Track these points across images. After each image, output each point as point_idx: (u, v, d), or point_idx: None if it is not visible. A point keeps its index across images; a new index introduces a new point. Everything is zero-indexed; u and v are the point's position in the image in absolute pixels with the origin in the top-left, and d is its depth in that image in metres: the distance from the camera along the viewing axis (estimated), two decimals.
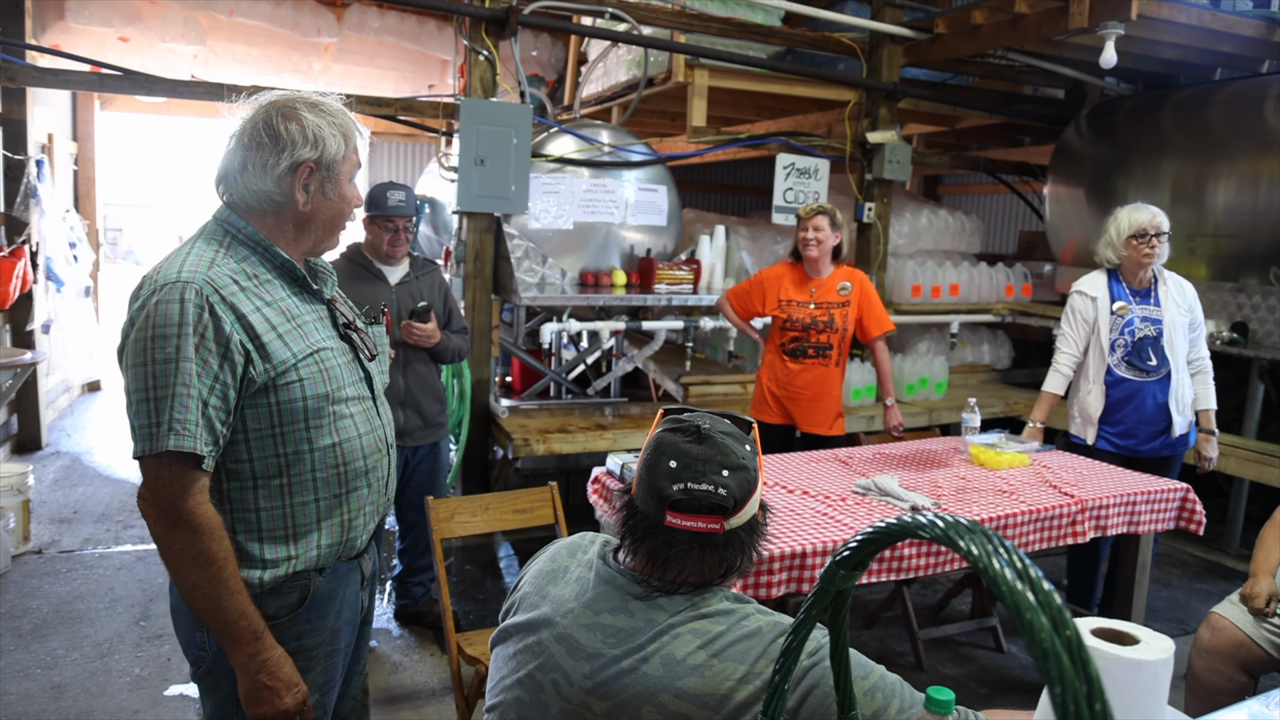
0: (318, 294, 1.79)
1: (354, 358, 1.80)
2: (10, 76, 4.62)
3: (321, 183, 1.71)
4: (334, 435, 1.70)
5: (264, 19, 7.31)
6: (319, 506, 1.71)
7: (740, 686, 1.22)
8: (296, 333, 1.68)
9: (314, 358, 1.68)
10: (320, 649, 1.77)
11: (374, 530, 1.88)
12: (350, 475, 1.74)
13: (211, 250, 1.66)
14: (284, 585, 1.70)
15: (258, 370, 1.60)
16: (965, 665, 3.81)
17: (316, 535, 1.71)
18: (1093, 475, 3.48)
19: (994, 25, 5.15)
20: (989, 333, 6.89)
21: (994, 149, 7.87)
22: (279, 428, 1.64)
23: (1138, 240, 3.75)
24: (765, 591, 2.57)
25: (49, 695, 3.34)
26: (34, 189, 5.99)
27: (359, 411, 1.76)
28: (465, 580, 4.54)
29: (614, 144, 5.29)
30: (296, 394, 1.65)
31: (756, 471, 1.36)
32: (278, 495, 1.67)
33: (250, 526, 1.66)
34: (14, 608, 4.01)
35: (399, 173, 10.71)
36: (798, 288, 4.17)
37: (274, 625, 1.68)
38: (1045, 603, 0.69)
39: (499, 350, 5.17)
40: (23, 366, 4.93)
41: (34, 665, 3.54)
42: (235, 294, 1.61)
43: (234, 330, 1.58)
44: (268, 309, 1.65)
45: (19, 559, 4.55)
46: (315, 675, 1.77)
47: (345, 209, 1.77)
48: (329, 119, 1.71)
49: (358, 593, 1.86)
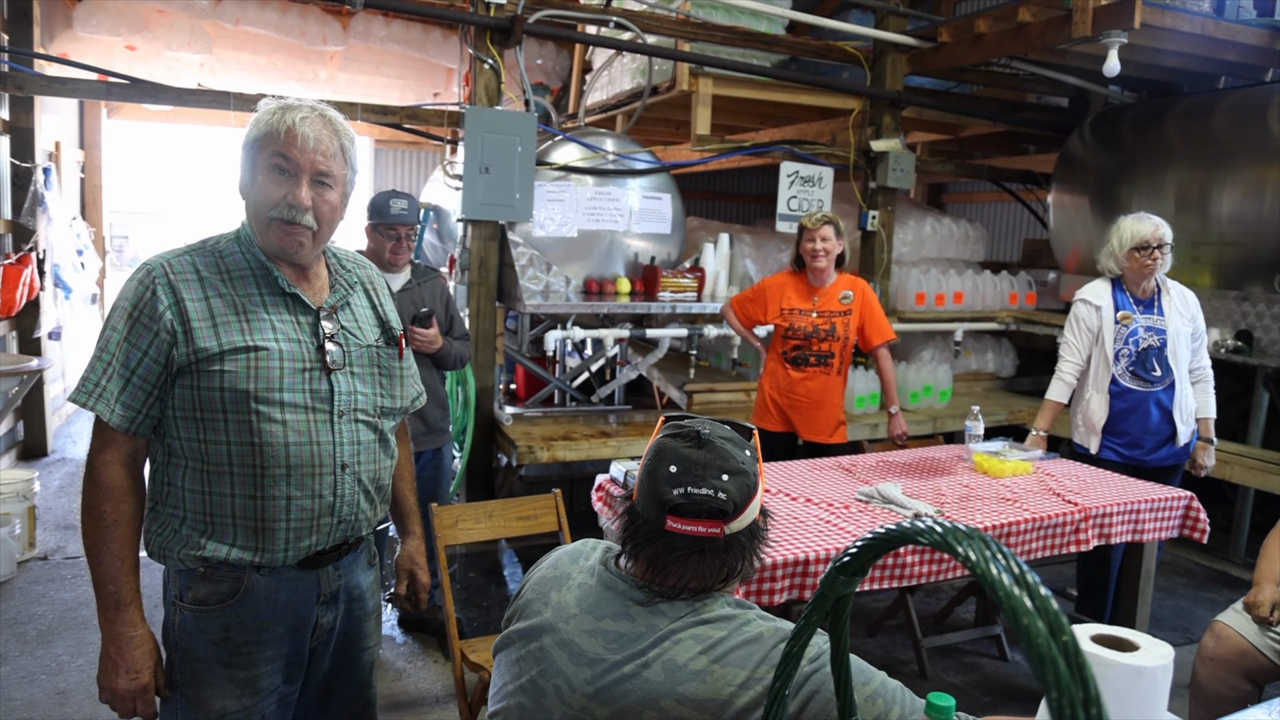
0: (299, 299, 1.78)
1: (316, 368, 1.76)
2: (18, 85, 4.65)
3: (245, 170, 1.76)
4: (255, 435, 1.69)
5: (270, 27, 7.34)
6: (234, 502, 1.71)
7: (741, 692, 1.22)
8: (238, 326, 1.70)
9: (246, 354, 1.69)
10: (252, 649, 1.75)
11: (323, 549, 1.80)
12: (268, 481, 1.71)
13: (200, 243, 1.79)
14: (214, 573, 1.72)
15: (180, 352, 1.68)
16: (969, 673, 3.81)
17: (232, 531, 1.71)
18: (1096, 483, 3.48)
19: (997, 34, 5.16)
20: (993, 341, 6.88)
21: (998, 157, 7.87)
22: (200, 412, 1.69)
23: (1139, 251, 3.74)
24: (768, 598, 2.57)
25: (54, 701, 3.34)
26: (41, 196, 6.02)
27: (295, 420, 1.72)
28: (469, 587, 4.54)
29: (618, 152, 5.30)
30: (215, 383, 1.68)
31: (757, 476, 1.36)
32: (199, 480, 1.71)
33: (178, 503, 1.73)
34: (19, 614, 4.02)
35: (404, 180, 10.74)
36: (800, 296, 4.18)
37: (203, 610, 1.73)
38: (1042, 608, 0.69)
39: (503, 358, 5.18)
40: (29, 374, 4.94)
41: (39, 671, 3.54)
42: (187, 280, 1.71)
43: (168, 311, 1.67)
44: (217, 299, 1.71)
45: (24, 565, 4.56)
46: (246, 676, 1.75)
47: (258, 198, 1.73)
48: (261, 110, 1.74)
49: (310, 606, 1.81)
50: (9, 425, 6.02)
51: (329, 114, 1.77)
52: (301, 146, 1.70)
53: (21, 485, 4.68)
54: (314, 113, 1.74)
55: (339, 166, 1.76)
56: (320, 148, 1.72)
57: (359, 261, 1.99)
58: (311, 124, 1.72)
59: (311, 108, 1.75)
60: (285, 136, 1.69)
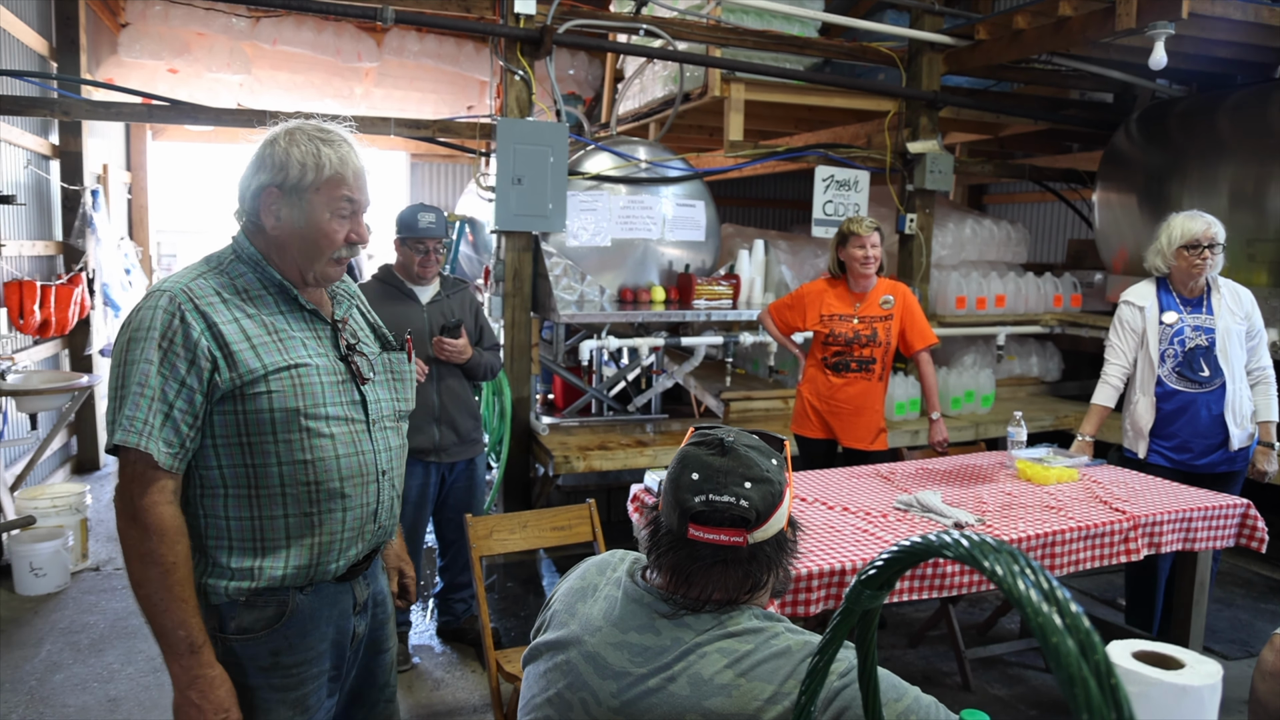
0: (317, 314, 1.79)
1: (348, 380, 1.78)
2: (65, 110, 4.76)
3: (292, 209, 1.71)
4: (306, 452, 1.68)
5: (306, 46, 7.46)
6: (288, 523, 1.69)
7: (768, 707, 1.20)
8: (275, 346, 1.69)
9: (289, 372, 1.68)
10: (301, 669, 1.75)
11: (361, 557, 1.83)
12: (323, 495, 1.71)
13: (209, 266, 1.73)
14: (259, 599, 1.69)
15: (223, 378, 1.63)
16: (1014, 686, 3.71)
17: (285, 552, 1.69)
18: (1146, 490, 3.37)
19: (1037, 29, 5.06)
20: (1037, 344, 6.75)
21: (1040, 156, 7.73)
22: (246, 437, 1.66)
23: (1189, 250, 3.63)
24: (804, 609, 2.52)
25: (105, 708, 3.42)
26: (90, 218, 6.16)
27: (341, 433, 1.74)
28: (507, 597, 4.54)
29: (651, 160, 5.29)
30: (264, 405, 1.65)
31: (783, 486, 1.34)
32: (246, 506, 1.67)
33: (220, 534, 1.68)
34: (73, 623, 4.11)
35: (439, 193, 10.84)
36: (841, 302, 4.13)
37: (250, 639, 1.69)
38: (1073, 625, 0.65)
39: (539, 368, 5.18)
40: (80, 389, 5.05)
41: (91, 679, 3.63)
42: (213, 304, 1.66)
43: (202, 337, 1.62)
44: (247, 320, 1.68)
45: (78, 576, 4.66)
46: (297, 696, 1.75)
47: (321, 241, 1.73)
48: (309, 147, 1.70)
49: (347, 617, 1.83)
50: (63, 440, 6.15)
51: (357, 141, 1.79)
52: (362, 186, 1.75)
53: (74, 498, 4.80)
54: (355, 146, 1.76)
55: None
56: (368, 182, 1.78)
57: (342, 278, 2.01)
58: (360, 158, 1.75)
59: (351, 141, 1.76)
60: (353, 180, 1.73)
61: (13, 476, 4.92)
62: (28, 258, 5.53)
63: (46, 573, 4.42)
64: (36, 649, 3.85)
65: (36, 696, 3.48)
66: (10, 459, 5.06)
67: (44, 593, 4.41)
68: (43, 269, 5.85)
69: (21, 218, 5.46)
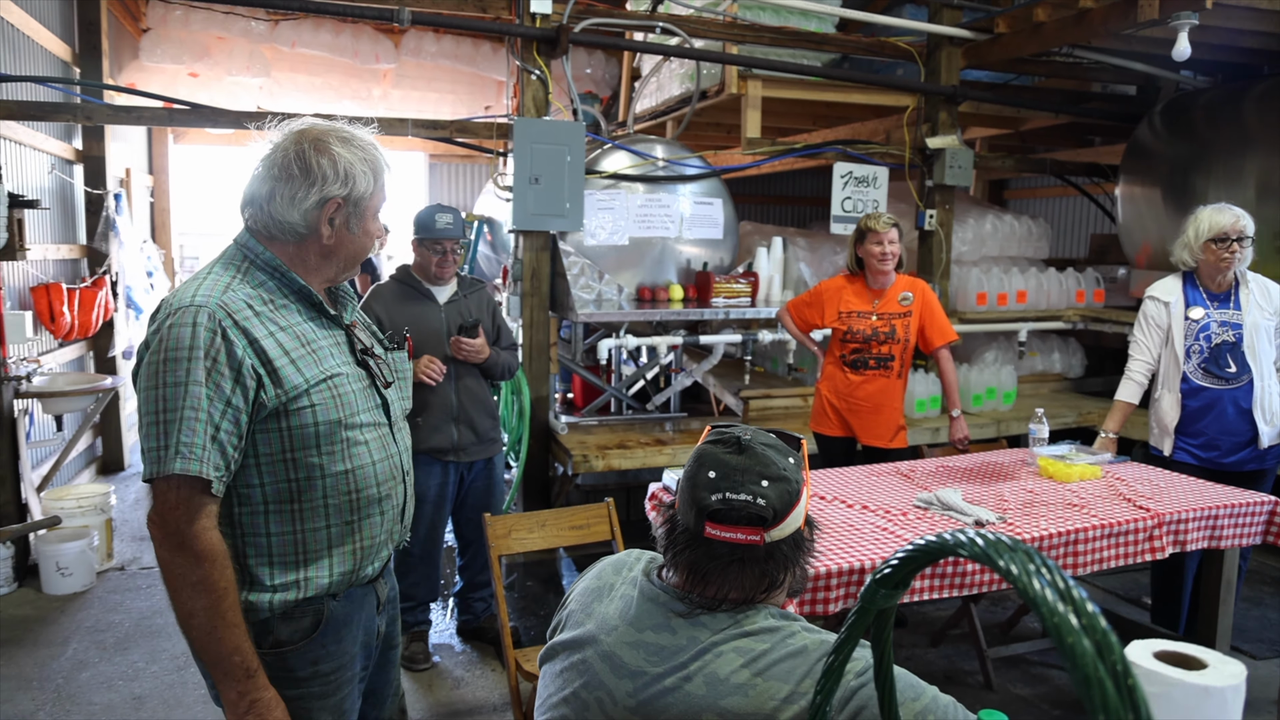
0: (336, 319, 1.78)
1: (370, 384, 1.78)
2: (88, 115, 4.80)
3: (348, 218, 1.71)
4: (347, 462, 1.68)
5: (324, 48, 7.50)
6: (330, 533, 1.68)
7: (784, 706, 1.19)
8: (310, 358, 1.67)
9: (327, 384, 1.67)
10: (338, 675, 1.75)
11: (388, 557, 1.86)
12: (363, 502, 1.71)
13: (229, 275, 1.67)
14: (296, 610, 1.68)
15: (269, 395, 1.60)
16: (1038, 685, 3.68)
17: (328, 561, 1.69)
18: (1170, 488, 3.33)
19: (1057, 22, 5.00)
20: (1060, 340, 6.69)
21: (1062, 150, 7.66)
22: (290, 453, 1.63)
23: (1217, 244, 3.58)
24: (822, 608, 2.51)
25: (130, 706, 3.46)
26: (113, 221, 6.23)
27: (373, 438, 1.74)
28: (527, 596, 4.54)
29: (668, 158, 5.28)
30: (308, 419, 1.63)
31: (800, 484, 1.33)
32: (289, 520, 1.65)
33: (261, 551, 1.65)
34: (98, 622, 4.16)
35: (457, 193, 10.86)
36: (859, 299, 4.10)
37: (288, 651, 1.68)
38: (1089, 625, 0.64)
39: (558, 367, 5.18)
40: (104, 391, 5.11)
41: (117, 677, 3.67)
42: (249, 318, 1.61)
43: (246, 354, 1.58)
44: (282, 334, 1.64)
45: (103, 575, 4.72)
46: (335, 701, 1.75)
47: (368, 244, 1.76)
48: (360, 154, 1.70)
49: (373, 618, 1.84)
50: (88, 441, 6.22)
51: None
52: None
53: (99, 499, 4.85)
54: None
55: None
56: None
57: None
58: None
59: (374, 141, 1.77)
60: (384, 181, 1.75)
61: (39, 477, 4.98)
62: (53, 261, 5.60)
63: (73, 572, 4.47)
64: (63, 647, 3.90)
65: (63, 694, 3.52)
66: (37, 460, 5.12)
67: (70, 592, 4.46)
68: (67, 272, 5.91)
69: (46, 222, 5.52)
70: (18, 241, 4.35)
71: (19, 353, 4.90)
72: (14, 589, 4.48)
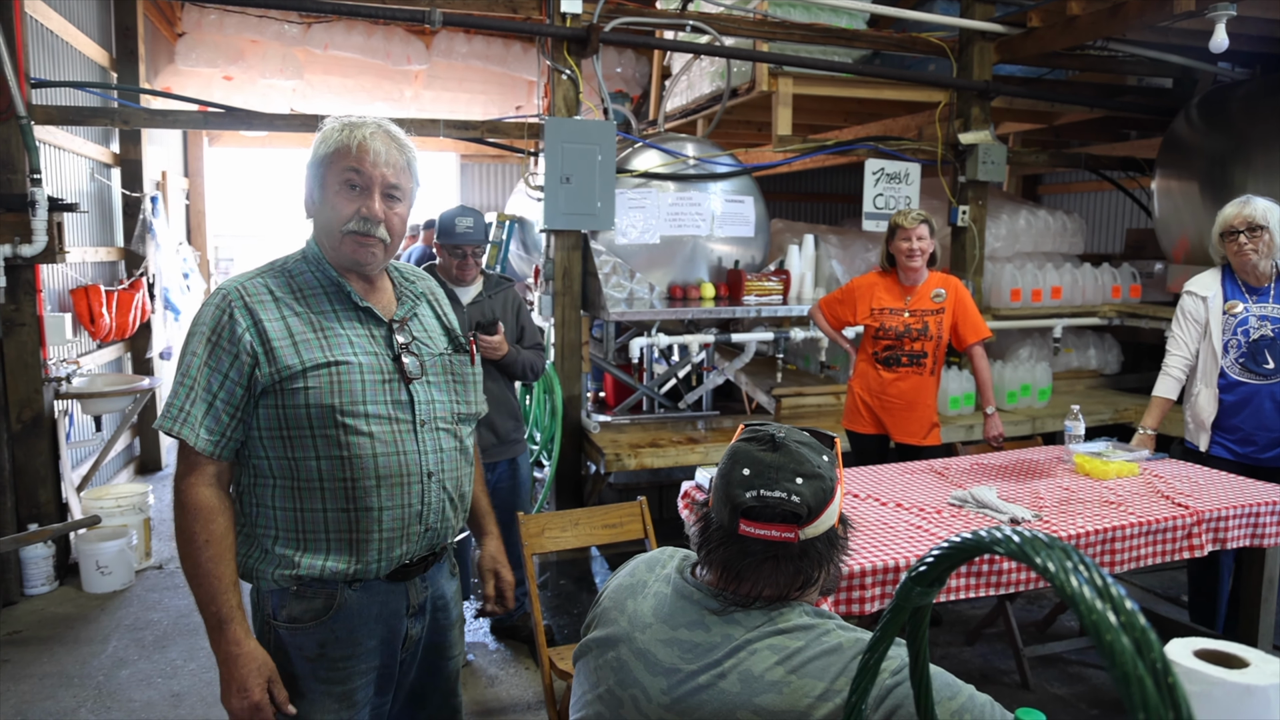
0: (371, 312, 1.81)
1: (397, 379, 1.79)
2: (125, 119, 4.89)
3: (314, 185, 1.79)
4: (343, 449, 1.71)
5: (357, 50, 7.56)
6: (327, 517, 1.73)
7: (819, 704, 1.19)
8: (318, 343, 1.73)
9: (328, 369, 1.71)
10: (347, 664, 1.77)
11: (413, 559, 1.83)
12: (360, 493, 1.73)
13: (270, 266, 1.82)
14: (308, 590, 1.74)
15: (263, 372, 1.70)
16: (1075, 685, 3.64)
17: (326, 545, 1.74)
18: (1210, 484, 3.28)
19: (1092, 15, 4.94)
20: (1095, 336, 6.61)
21: (1096, 145, 7.56)
22: (286, 430, 1.71)
23: (1226, 238, 3.55)
24: (858, 607, 2.50)
25: (169, 703, 3.51)
26: (150, 224, 6.32)
27: (381, 431, 1.75)
28: (560, 595, 4.56)
29: (699, 156, 5.27)
30: (301, 400, 1.70)
31: (834, 482, 1.32)
32: (290, 497, 1.73)
33: (269, 523, 1.75)
34: (137, 620, 4.23)
35: (488, 193, 10.91)
36: (891, 295, 4.08)
37: (299, 628, 1.74)
38: (1128, 623, 0.64)
39: (590, 366, 5.19)
40: (142, 392, 5.18)
41: (155, 674, 3.73)
42: (262, 301, 1.73)
43: (246, 333, 1.70)
44: (294, 318, 1.74)
45: (141, 574, 4.79)
46: (343, 690, 1.77)
47: (330, 214, 1.76)
48: (328, 128, 1.77)
49: (399, 618, 1.83)
50: (126, 441, 6.31)
51: (393, 130, 1.80)
52: (374, 161, 1.74)
53: (137, 498, 4.93)
54: (380, 129, 1.77)
55: (406, 180, 1.80)
56: (390, 161, 1.76)
57: (419, 274, 2.02)
58: (380, 139, 1.76)
59: (377, 124, 1.78)
60: (357, 151, 1.73)
61: (79, 477, 5.07)
62: (91, 264, 5.70)
63: (112, 571, 4.55)
64: (104, 645, 3.97)
65: (104, 691, 3.58)
66: (76, 460, 5.21)
67: (110, 590, 4.54)
68: (105, 274, 6.01)
69: (85, 225, 5.61)
70: (57, 244, 4.44)
71: (59, 354, 5.00)
72: (55, 587, 4.57)
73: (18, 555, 4.43)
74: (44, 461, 4.53)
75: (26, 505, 4.50)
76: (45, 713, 3.42)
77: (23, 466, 4.48)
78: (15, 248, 4.28)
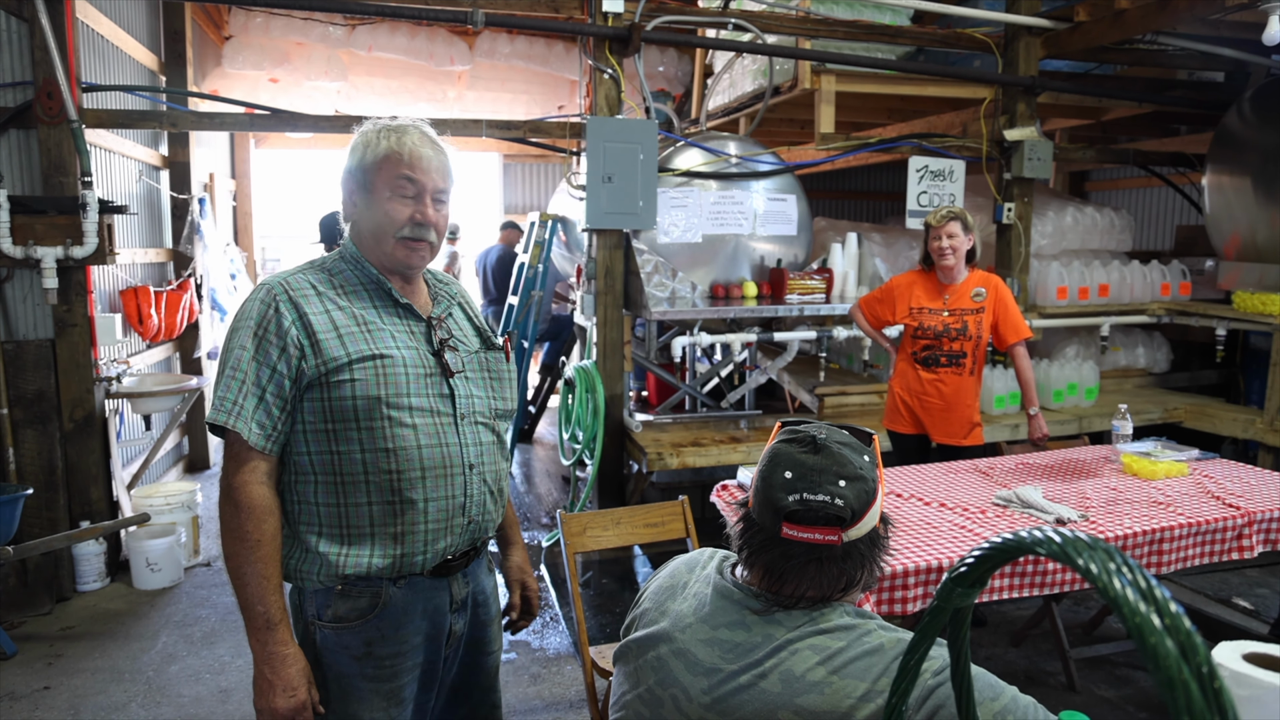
0: (410, 309, 1.84)
1: (437, 374, 1.81)
2: (173, 122, 5.00)
3: (360, 191, 1.81)
4: (388, 441, 1.72)
5: (400, 52, 7.64)
6: (372, 511, 1.74)
7: (861, 705, 1.19)
8: (362, 336, 1.75)
9: (373, 361, 1.73)
10: (394, 661, 1.78)
11: (456, 553, 1.84)
12: (404, 484, 1.74)
13: (311, 263, 1.86)
14: (353, 589, 1.75)
15: (309, 365, 1.71)
16: (1122, 687, 3.58)
17: (371, 540, 1.74)
18: (1262, 485, 3.22)
19: (1140, 8, 4.86)
20: (1144, 335, 6.49)
21: (1146, 140, 7.42)
22: (331, 424, 1.72)
23: None
24: (900, 607, 2.48)
25: (217, 699, 3.57)
26: (198, 225, 6.44)
27: (425, 423, 1.77)
28: (603, 594, 4.58)
29: (741, 155, 5.27)
30: (347, 393, 1.71)
31: (875, 483, 1.32)
32: (334, 493, 1.74)
33: (312, 519, 1.75)
34: (186, 616, 4.31)
35: (531, 193, 10.96)
36: (930, 295, 4.05)
37: (345, 628, 1.75)
38: (1173, 626, 0.63)
39: (632, 365, 5.21)
40: (190, 391, 5.28)
41: (204, 670, 3.79)
42: (306, 295, 1.76)
43: (292, 326, 1.72)
44: (338, 312, 1.76)
45: (190, 571, 4.88)
46: (390, 688, 1.78)
47: (383, 220, 1.79)
48: (370, 133, 1.80)
49: (443, 614, 1.84)
50: (175, 440, 6.44)
51: (432, 133, 1.85)
52: (425, 168, 1.78)
53: (186, 496, 5.01)
54: (423, 134, 1.82)
55: (449, 183, 1.85)
56: (439, 167, 1.81)
57: (448, 279, 2.05)
58: (427, 145, 1.80)
59: (418, 129, 1.82)
60: (409, 159, 1.77)
61: (129, 475, 5.17)
62: (140, 265, 5.81)
63: (161, 568, 4.64)
64: (153, 641, 4.05)
65: (154, 686, 3.66)
66: (126, 458, 5.31)
67: (159, 587, 4.63)
68: (154, 275, 6.13)
69: (134, 226, 5.73)
70: (107, 246, 4.52)
71: (109, 354, 5.10)
72: (106, 584, 4.67)
73: (70, 552, 4.53)
74: (95, 460, 4.61)
75: (78, 503, 4.59)
76: (98, 707, 3.49)
77: (75, 465, 4.57)
78: (67, 249, 4.37)
